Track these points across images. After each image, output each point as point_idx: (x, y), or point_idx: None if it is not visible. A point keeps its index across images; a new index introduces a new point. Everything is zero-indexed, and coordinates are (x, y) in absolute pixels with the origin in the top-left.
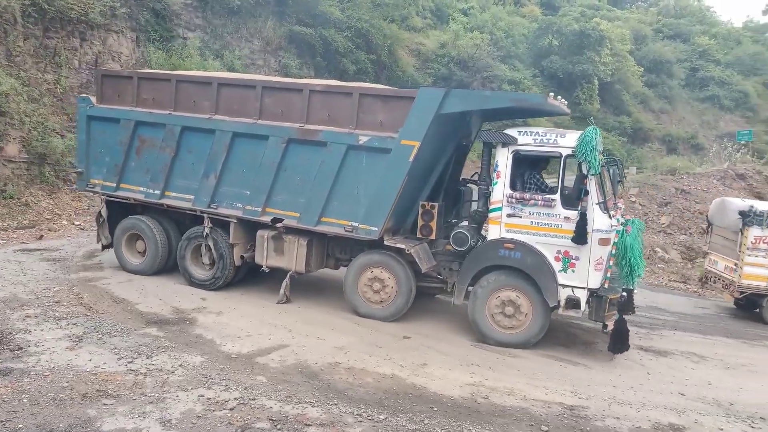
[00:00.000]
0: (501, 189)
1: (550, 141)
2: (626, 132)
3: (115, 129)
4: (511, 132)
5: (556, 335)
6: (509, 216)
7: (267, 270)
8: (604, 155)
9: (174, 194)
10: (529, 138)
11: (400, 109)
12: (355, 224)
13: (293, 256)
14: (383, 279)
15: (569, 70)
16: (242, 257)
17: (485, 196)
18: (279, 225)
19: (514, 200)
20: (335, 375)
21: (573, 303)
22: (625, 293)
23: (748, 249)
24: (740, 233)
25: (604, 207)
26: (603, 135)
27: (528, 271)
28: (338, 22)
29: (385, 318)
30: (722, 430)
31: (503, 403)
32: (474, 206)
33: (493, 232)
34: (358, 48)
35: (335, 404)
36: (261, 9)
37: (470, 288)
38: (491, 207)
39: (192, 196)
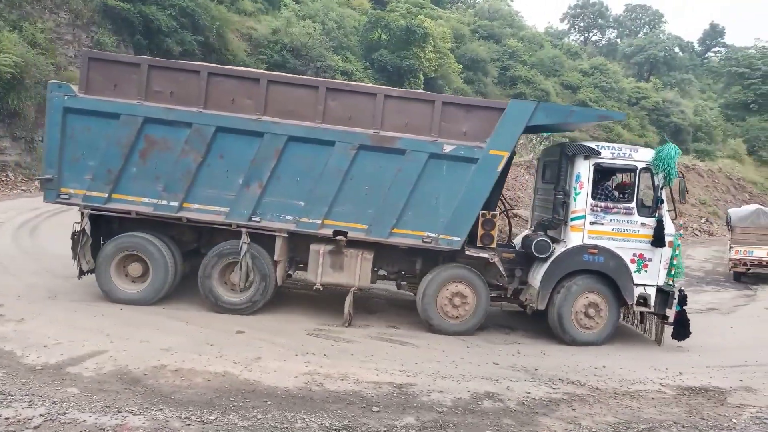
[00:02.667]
0: (584, 199)
1: (626, 155)
2: None
3: (111, 126)
4: (592, 145)
5: (390, 317)
6: (592, 223)
7: (321, 288)
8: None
9: (197, 206)
10: (608, 152)
11: (485, 119)
12: (434, 235)
13: (356, 272)
14: (465, 294)
15: (398, 64)
16: (290, 275)
17: (563, 205)
18: (341, 238)
19: (598, 209)
20: (160, 379)
21: (644, 300)
22: (682, 288)
23: None
24: None
25: (673, 214)
26: None
27: (610, 273)
28: None
29: (461, 333)
30: (529, 393)
31: (337, 389)
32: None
33: (575, 238)
34: (183, 28)
35: (160, 409)
36: None
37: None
38: (573, 215)
39: (225, 208)
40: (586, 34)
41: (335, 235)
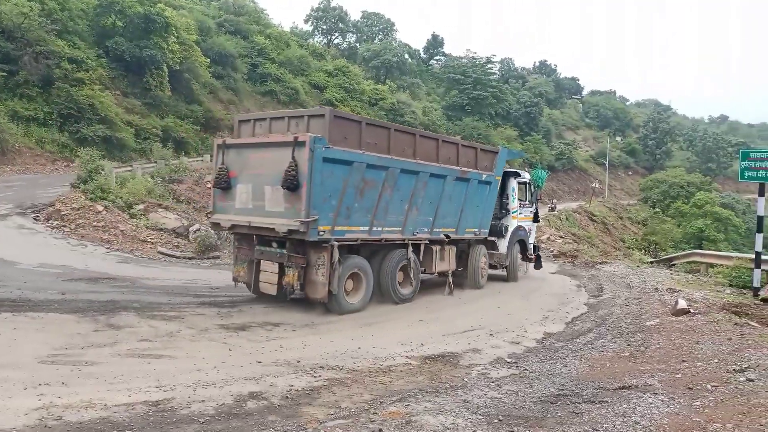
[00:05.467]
0: (516, 200)
1: (524, 176)
2: (199, 121)
3: (346, 172)
4: (518, 171)
5: (142, 331)
6: (519, 214)
7: (438, 276)
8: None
9: (387, 229)
10: (521, 174)
11: (490, 158)
12: (476, 230)
13: (449, 260)
14: (486, 260)
15: (137, 54)
16: (424, 271)
17: (507, 205)
18: (446, 239)
19: (521, 206)
20: None
21: (530, 251)
22: (537, 242)
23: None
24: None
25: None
26: (178, 123)
27: (525, 239)
28: None
29: (483, 286)
30: (292, 386)
31: (81, 420)
32: None
33: (514, 223)
34: None
35: None
36: None
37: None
38: (513, 210)
39: (398, 228)
40: (329, 37)
41: (447, 238)
